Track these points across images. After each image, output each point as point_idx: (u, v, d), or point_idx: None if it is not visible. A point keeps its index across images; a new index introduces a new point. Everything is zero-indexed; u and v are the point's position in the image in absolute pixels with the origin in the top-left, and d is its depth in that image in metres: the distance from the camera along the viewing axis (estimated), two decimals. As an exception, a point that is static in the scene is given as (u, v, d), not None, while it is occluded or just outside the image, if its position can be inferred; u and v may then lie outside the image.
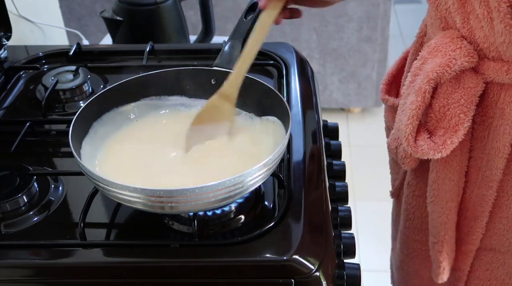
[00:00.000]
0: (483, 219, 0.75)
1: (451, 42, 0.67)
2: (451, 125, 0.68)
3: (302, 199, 0.70)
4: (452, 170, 0.73)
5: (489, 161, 0.71)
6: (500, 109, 0.68)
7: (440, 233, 0.78)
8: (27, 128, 0.83)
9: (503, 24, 0.61)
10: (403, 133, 0.70)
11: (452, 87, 0.68)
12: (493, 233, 0.76)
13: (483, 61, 0.67)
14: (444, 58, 0.66)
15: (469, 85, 0.67)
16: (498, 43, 0.63)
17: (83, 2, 2.28)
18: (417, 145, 0.70)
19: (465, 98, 0.67)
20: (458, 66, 0.66)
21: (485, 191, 0.73)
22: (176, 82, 0.81)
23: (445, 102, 0.69)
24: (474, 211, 0.76)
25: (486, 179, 0.72)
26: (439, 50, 0.68)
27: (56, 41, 1.40)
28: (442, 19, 0.69)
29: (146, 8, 1.25)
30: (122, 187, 0.61)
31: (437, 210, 0.77)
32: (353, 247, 0.71)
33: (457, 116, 0.68)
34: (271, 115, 0.76)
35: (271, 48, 1.01)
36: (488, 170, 0.72)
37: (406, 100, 0.71)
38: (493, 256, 0.78)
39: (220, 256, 0.63)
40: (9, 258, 0.65)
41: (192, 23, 2.11)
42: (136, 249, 0.65)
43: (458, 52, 0.66)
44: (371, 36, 2.28)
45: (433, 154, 0.69)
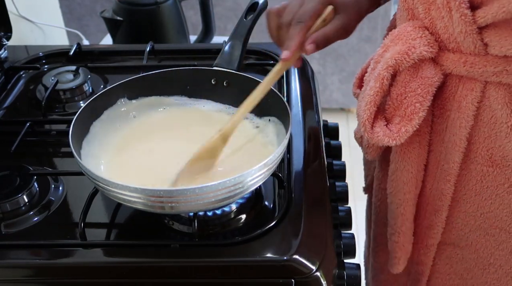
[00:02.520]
0: (443, 213, 0.76)
1: (412, 31, 0.67)
2: (406, 114, 0.69)
3: (302, 199, 0.70)
4: (410, 162, 0.74)
5: (447, 154, 0.72)
6: (457, 102, 0.68)
7: (397, 224, 0.79)
8: (27, 128, 0.83)
9: (458, 13, 0.62)
10: (361, 119, 0.70)
11: (410, 75, 0.68)
12: (452, 227, 0.77)
13: (443, 53, 0.67)
14: (404, 46, 0.67)
15: (427, 75, 0.68)
16: (456, 34, 0.64)
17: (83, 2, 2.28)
18: (373, 131, 0.70)
19: (422, 88, 0.68)
20: (417, 55, 0.66)
21: (443, 184, 0.74)
22: (176, 82, 0.81)
23: (402, 91, 0.69)
24: (434, 204, 0.77)
25: (444, 172, 0.73)
26: (400, 38, 0.68)
27: (56, 41, 1.40)
28: (409, 10, 0.70)
29: (146, 8, 1.26)
30: (122, 187, 0.61)
31: (395, 201, 0.77)
32: (353, 247, 0.71)
33: (413, 105, 0.68)
34: (271, 116, 0.77)
35: (271, 48, 1.01)
36: (446, 164, 0.72)
37: (366, 87, 0.72)
38: (452, 251, 0.79)
39: (220, 256, 0.63)
40: (9, 258, 0.65)
41: (192, 23, 2.11)
42: (136, 249, 0.65)
43: (418, 41, 0.66)
44: (371, 36, 2.28)
45: (388, 141, 0.69)
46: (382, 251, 0.89)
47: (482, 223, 0.74)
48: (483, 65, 0.64)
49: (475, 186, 0.72)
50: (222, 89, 0.80)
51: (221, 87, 0.80)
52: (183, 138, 0.77)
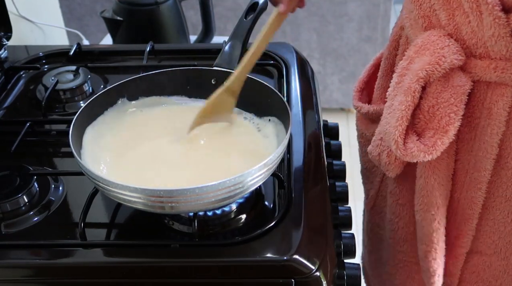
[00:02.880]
0: (473, 221, 0.74)
1: (438, 40, 0.66)
2: (441, 126, 0.67)
3: (302, 199, 0.70)
4: (441, 175, 0.72)
5: (477, 162, 0.70)
6: (487, 109, 0.67)
7: (433, 240, 0.76)
8: (27, 128, 0.83)
9: (491, 17, 0.60)
10: (392, 136, 0.68)
11: (442, 86, 0.67)
12: (480, 235, 0.75)
13: (469, 60, 0.66)
14: (433, 56, 0.65)
15: (458, 84, 0.66)
16: (486, 38, 0.62)
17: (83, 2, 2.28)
18: (406, 147, 0.68)
19: (455, 97, 0.66)
20: (448, 64, 0.65)
21: (473, 193, 0.72)
22: (176, 82, 0.81)
23: (434, 102, 0.67)
24: (463, 214, 0.75)
25: (474, 181, 0.71)
26: (426, 48, 0.66)
27: (56, 41, 1.40)
28: (425, 18, 0.68)
29: (146, 8, 1.26)
30: (122, 187, 0.61)
31: (427, 217, 0.75)
32: (353, 247, 0.71)
33: (447, 115, 0.66)
34: (271, 116, 0.76)
35: (271, 48, 1.01)
36: (476, 172, 0.71)
37: (393, 102, 0.69)
38: (479, 259, 0.78)
39: (220, 256, 0.63)
40: (9, 258, 0.65)
41: (192, 23, 2.12)
42: (136, 249, 0.65)
43: (447, 50, 0.65)
44: (371, 36, 2.28)
45: (424, 156, 0.67)
46: (403, 268, 0.86)
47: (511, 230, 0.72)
48: None
49: (506, 191, 0.70)
50: (222, 89, 0.80)
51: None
52: (183, 138, 0.77)
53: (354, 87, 0.87)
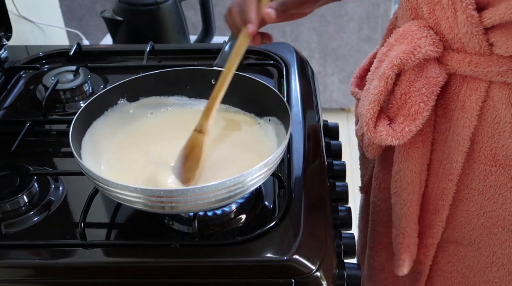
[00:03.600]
0: (444, 212, 0.76)
1: (417, 31, 0.67)
2: (410, 113, 0.69)
3: (302, 199, 0.70)
4: (414, 162, 0.74)
5: (450, 154, 0.72)
6: (461, 102, 0.68)
7: (402, 225, 0.78)
8: (27, 128, 0.83)
9: (465, 15, 0.62)
10: (364, 118, 0.70)
11: (415, 75, 0.68)
12: (455, 225, 0.77)
13: (447, 52, 0.67)
14: (410, 45, 0.67)
15: (431, 75, 0.68)
16: (461, 34, 0.64)
17: (83, 2, 2.28)
18: (376, 130, 0.70)
19: (426, 88, 0.68)
20: (422, 54, 0.66)
21: (445, 184, 0.74)
22: (176, 82, 0.81)
23: (406, 90, 0.69)
24: (435, 204, 0.77)
25: (446, 172, 0.73)
26: (405, 37, 0.68)
27: (56, 41, 1.40)
28: (412, 9, 0.70)
29: (146, 8, 1.26)
30: (122, 187, 0.61)
31: (399, 201, 0.77)
32: (353, 247, 0.71)
33: (417, 105, 0.68)
34: (271, 116, 0.77)
35: (271, 48, 1.01)
36: (448, 163, 0.72)
37: (370, 86, 0.72)
38: (455, 249, 0.79)
39: (220, 256, 0.63)
40: (9, 258, 0.65)
41: (192, 23, 2.11)
42: (136, 249, 0.65)
43: (424, 40, 0.67)
44: (371, 36, 2.28)
45: (391, 140, 0.69)
46: (382, 250, 0.89)
47: (485, 222, 0.74)
48: (488, 65, 0.64)
49: (478, 185, 0.72)
50: (222, 89, 0.80)
51: (221, 87, 0.80)
52: (183, 139, 0.76)
53: (354, 73, 0.88)
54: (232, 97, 0.80)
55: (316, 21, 2.26)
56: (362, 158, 0.94)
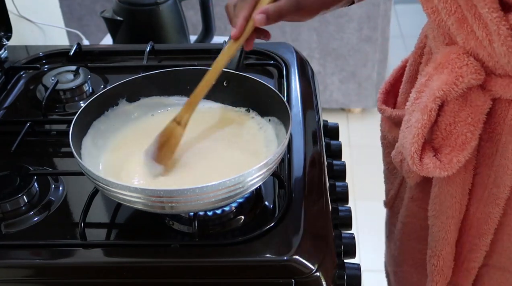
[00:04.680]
0: (488, 237, 0.74)
1: (457, 59, 0.65)
2: (457, 144, 0.67)
3: (302, 199, 0.70)
4: (455, 187, 0.72)
5: (497, 178, 0.69)
6: (508, 125, 0.66)
7: (438, 248, 0.76)
8: (27, 128, 0.83)
9: (504, 47, 0.59)
10: (408, 152, 0.68)
11: (459, 105, 0.66)
12: (502, 251, 0.75)
13: (490, 77, 0.65)
14: (451, 75, 0.64)
15: (476, 103, 0.65)
16: (502, 63, 0.62)
17: (83, 2, 2.28)
18: (422, 163, 0.68)
19: (472, 117, 0.66)
20: (465, 84, 0.64)
21: (491, 208, 0.71)
22: (176, 82, 0.81)
23: (451, 120, 0.67)
24: (478, 228, 0.74)
25: (493, 196, 0.71)
26: (445, 66, 0.65)
27: (56, 41, 1.40)
28: (445, 35, 0.67)
29: (146, 8, 1.25)
30: (122, 187, 0.61)
31: (437, 224, 0.75)
32: (353, 247, 0.71)
33: (464, 135, 0.66)
34: (271, 116, 0.76)
35: (271, 48, 1.01)
36: (495, 187, 0.70)
37: (411, 117, 0.69)
38: (501, 275, 0.77)
39: (220, 256, 0.63)
40: (10, 258, 0.65)
41: (192, 23, 2.11)
42: (136, 249, 0.65)
43: (465, 69, 0.64)
44: (371, 36, 2.28)
45: (439, 172, 0.67)
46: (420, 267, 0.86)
47: None
48: None
49: None
50: (222, 89, 0.80)
51: (221, 87, 0.80)
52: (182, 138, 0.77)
53: (380, 89, 0.86)
54: (232, 97, 0.80)
55: (316, 21, 2.26)
56: (387, 173, 0.92)
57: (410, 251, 0.87)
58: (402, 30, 3.17)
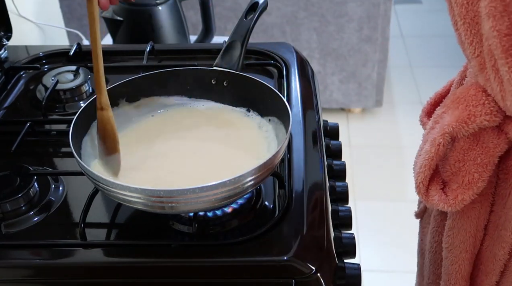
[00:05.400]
0: (493, 277, 0.72)
1: (474, 96, 0.63)
2: (464, 182, 0.65)
3: (302, 199, 0.70)
4: (469, 221, 0.70)
5: (506, 221, 0.68)
6: None
7: (451, 281, 0.75)
8: (27, 128, 0.83)
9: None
10: (416, 180, 0.68)
11: (470, 144, 0.65)
12: None
13: (509, 120, 0.62)
14: (464, 112, 0.62)
15: (488, 145, 0.64)
16: None
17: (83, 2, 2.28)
18: (428, 194, 0.67)
19: (482, 158, 0.64)
20: (477, 124, 0.62)
21: (497, 250, 0.70)
22: (176, 82, 0.81)
23: (460, 158, 0.65)
24: (486, 266, 0.73)
25: (500, 238, 0.69)
26: (461, 102, 0.64)
27: (56, 41, 1.40)
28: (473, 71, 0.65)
29: (146, 8, 1.26)
30: (122, 187, 0.61)
31: (450, 257, 0.74)
32: (354, 247, 0.71)
33: (472, 174, 0.64)
34: (271, 116, 0.76)
35: (271, 48, 1.01)
36: (503, 230, 0.68)
37: (423, 146, 0.68)
38: None
39: (220, 256, 0.63)
40: (10, 258, 0.65)
41: (192, 23, 2.11)
42: (136, 249, 0.65)
43: (480, 108, 0.62)
44: (371, 36, 2.28)
45: (443, 206, 0.66)
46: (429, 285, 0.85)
47: None
48: None
49: None
50: (222, 89, 0.80)
51: (221, 87, 0.80)
52: (182, 138, 0.77)
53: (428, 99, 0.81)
54: (232, 97, 0.80)
55: (316, 21, 2.26)
56: None
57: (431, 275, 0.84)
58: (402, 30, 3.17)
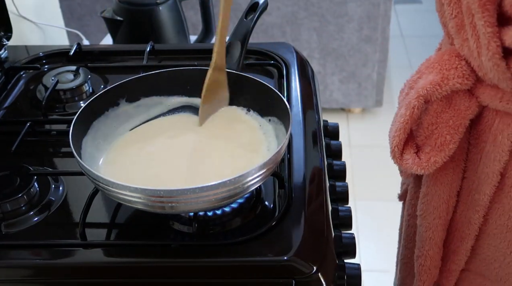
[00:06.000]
0: (468, 242, 0.74)
1: (448, 60, 0.65)
2: (437, 144, 0.67)
3: (303, 199, 0.70)
4: (442, 188, 0.72)
5: (479, 184, 0.70)
6: (493, 135, 0.66)
7: (425, 248, 0.77)
8: (27, 128, 0.83)
9: (491, 62, 0.60)
10: (391, 145, 0.69)
11: (443, 106, 0.67)
12: (481, 258, 0.75)
13: (480, 85, 0.65)
14: (438, 76, 0.65)
15: (460, 107, 0.66)
16: (489, 75, 0.62)
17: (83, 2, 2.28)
18: (403, 158, 0.69)
19: (454, 120, 0.66)
20: (449, 87, 0.64)
21: (472, 214, 0.72)
22: (176, 82, 0.81)
23: (433, 121, 0.68)
24: (461, 231, 0.75)
25: (474, 202, 0.71)
26: (435, 67, 0.66)
27: (56, 41, 1.40)
28: (449, 36, 0.67)
29: (146, 8, 1.26)
30: (122, 187, 0.61)
31: (424, 224, 0.76)
32: (354, 247, 0.71)
33: (444, 136, 0.67)
34: (271, 116, 0.76)
35: (272, 48, 1.01)
36: (477, 194, 0.71)
37: (398, 112, 0.70)
38: (481, 282, 0.77)
39: (220, 256, 0.63)
40: (9, 258, 0.65)
41: (192, 23, 2.11)
42: (136, 249, 0.65)
43: (453, 72, 0.64)
44: (371, 36, 2.28)
45: (417, 169, 0.68)
46: (407, 264, 0.87)
47: None
48: None
49: (508, 222, 0.69)
50: (222, 89, 0.80)
51: (221, 87, 0.80)
52: (182, 138, 0.77)
53: None
54: (231, 96, 0.80)
55: (316, 21, 2.26)
56: None
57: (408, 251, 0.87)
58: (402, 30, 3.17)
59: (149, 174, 0.70)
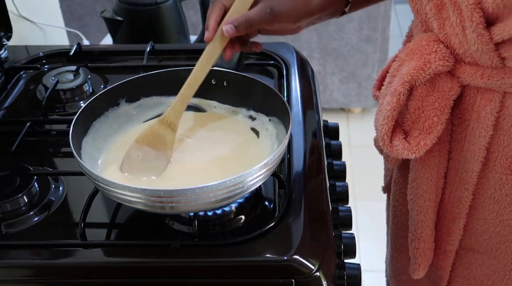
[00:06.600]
0: (461, 221, 0.76)
1: (427, 45, 0.68)
2: (425, 128, 0.70)
3: (303, 199, 0.70)
4: (430, 170, 0.74)
5: (466, 163, 0.72)
6: (476, 112, 0.68)
7: (417, 231, 0.79)
8: (27, 128, 0.83)
9: (475, 33, 0.62)
10: (379, 133, 0.71)
11: (427, 90, 0.69)
12: (472, 233, 0.77)
13: (459, 65, 0.67)
14: (420, 61, 0.67)
15: (443, 89, 0.68)
16: (472, 50, 0.64)
17: (83, 2, 2.28)
18: (392, 144, 0.71)
19: (439, 102, 0.69)
20: (432, 70, 0.67)
21: (461, 193, 0.74)
22: (176, 82, 0.81)
23: (419, 105, 0.70)
24: (452, 212, 0.77)
25: (462, 181, 0.73)
26: (415, 53, 0.68)
27: (56, 41, 1.40)
28: (423, 22, 0.70)
29: (146, 8, 1.25)
30: (122, 187, 0.61)
31: (415, 208, 0.78)
32: (354, 247, 0.71)
33: (431, 119, 0.69)
34: (271, 116, 0.77)
35: (272, 48, 1.01)
36: (464, 172, 0.73)
37: (383, 101, 0.72)
38: (472, 256, 0.79)
39: (220, 256, 0.63)
40: (10, 258, 0.65)
41: (192, 23, 2.11)
42: (136, 249, 0.65)
43: (433, 55, 0.67)
44: (371, 36, 2.28)
45: (407, 154, 0.70)
46: (404, 252, 0.89)
47: (502, 230, 0.73)
48: (501, 78, 0.64)
49: (494, 194, 0.72)
50: (222, 89, 0.80)
51: (221, 87, 0.80)
52: (182, 138, 0.77)
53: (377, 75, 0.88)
54: (232, 97, 0.80)
55: (316, 21, 2.26)
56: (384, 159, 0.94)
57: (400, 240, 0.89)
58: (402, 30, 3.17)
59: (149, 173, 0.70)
